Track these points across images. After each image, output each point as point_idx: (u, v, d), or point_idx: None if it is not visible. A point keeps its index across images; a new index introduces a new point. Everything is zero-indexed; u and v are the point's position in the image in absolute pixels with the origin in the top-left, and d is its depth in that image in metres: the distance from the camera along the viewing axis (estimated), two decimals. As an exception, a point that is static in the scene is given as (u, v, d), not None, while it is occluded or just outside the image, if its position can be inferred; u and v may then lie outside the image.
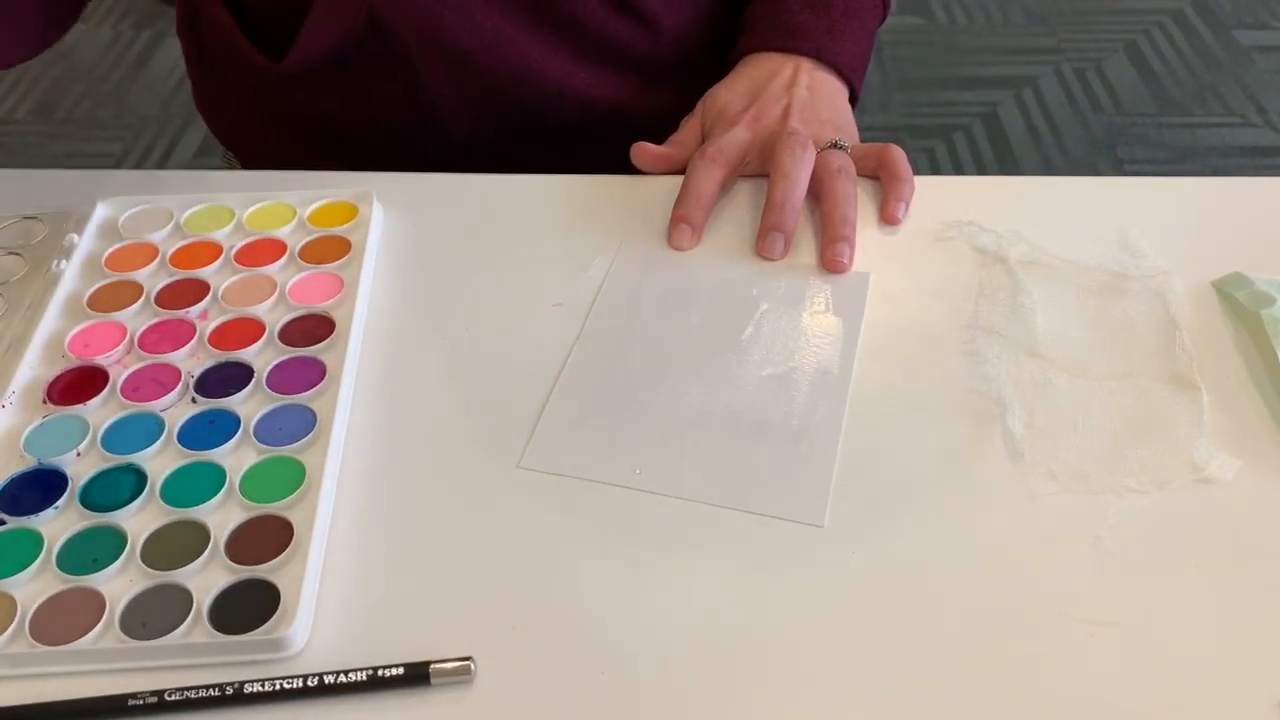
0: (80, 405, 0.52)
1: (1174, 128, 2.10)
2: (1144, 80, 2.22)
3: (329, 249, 0.61)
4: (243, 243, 0.62)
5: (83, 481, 0.49)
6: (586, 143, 0.75)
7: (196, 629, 0.43)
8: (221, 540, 0.46)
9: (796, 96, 0.69)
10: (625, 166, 0.69)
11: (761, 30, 0.74)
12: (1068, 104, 2.16)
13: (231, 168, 0.89)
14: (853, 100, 0.74)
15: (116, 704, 0.41)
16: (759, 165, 0.67)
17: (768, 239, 0.62)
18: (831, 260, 0.61)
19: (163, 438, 0.51)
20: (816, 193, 0.64)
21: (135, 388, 0.53)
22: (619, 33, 0.75)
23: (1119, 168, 2.00)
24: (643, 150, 0.69)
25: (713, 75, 0.74)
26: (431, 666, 0.42)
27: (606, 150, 0.69)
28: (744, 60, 0.73)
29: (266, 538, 0.46)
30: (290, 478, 0.49)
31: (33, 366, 0.54)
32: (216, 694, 0.41)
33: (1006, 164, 2.01)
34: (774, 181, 0.63)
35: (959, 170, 2.00)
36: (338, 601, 0.45)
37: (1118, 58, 2.29)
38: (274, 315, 0.57)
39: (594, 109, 0.77)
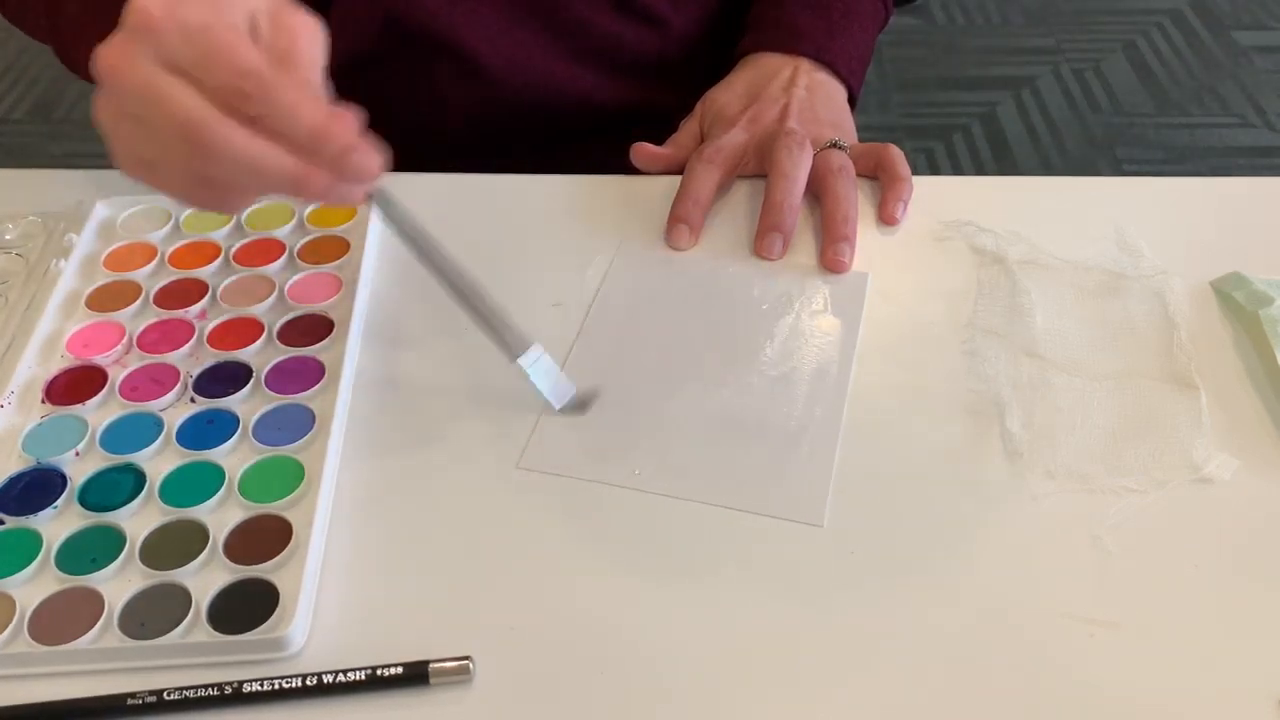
0: (79, 405, 0.52)
1: (1172, 128, 2.10)
2: (1142, 80, 2.22)
3: (328, 249, 0.61)
4: (241, 243, 0.61)
5: (81, 481, 0.49)
6: (588, 143, 0.75)
7: (195, 629, 0.43)
8: (220, 540, 0.46)
9: (795, 97, 0.69)
10: (624, 166, 0.69)
11: (761, 30, 0.74)
12: (1066, 104, 2.16)
13: None
14: (851, 103, 0.74)
15: (115, 704, 0.41)
16: (757, 165, 0.67)
17: (766, 239, 0.62)
18: (832, 260, 0.61)
19: (161, 437, 0.51)
20: (816, 192, 0.64)
21: (134, 387, 0.53)
22: (627, 36, 0.75)
23: (1117, 168, 2.00)
24: (641, 150, 0.69)
25: (719, 76, 0.74)
26: (430, 666, 0.42)
27: (606, 150, 0.69)
28: (743, 61, 0.73)
29: (265, 537, 0.46)
30: (289, 477, 0.49)
31: (31, 366, 0.54)
32: (215, 694, 0.41)
33: (1005, 164, 2.01)
34: (772, 181, 0.63)
35: (958, 170, 2.00)
36: (337, 601, 0.45)
37: (1116, 58, 2.29)
38: (273, 315, 0.57)
39: (600, 111, 0.77)
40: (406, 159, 0.69)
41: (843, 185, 0.63)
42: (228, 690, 0.41)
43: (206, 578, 0.45)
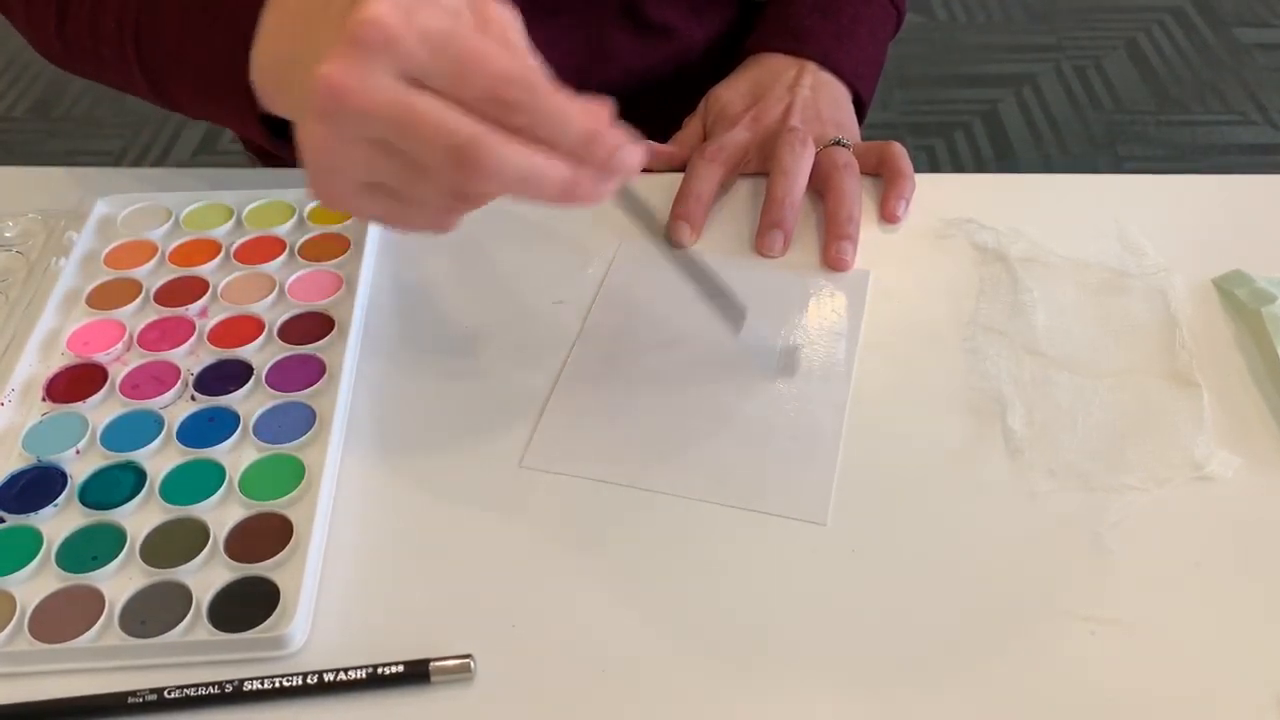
0: (79, 403, 0.52)
1: (1174, 125, 2.10)
2: (1144, 78, 2.22)
3: (328, 246, 0.61)
4: (242, 240, 0.61)
5: (82, 479, 0.49)
6: None
7: (196, 627, 0.43)
8: (221, 538, 0.46)
9: (799, 96, 0.69)
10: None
11: (769, 31, 0.74)
12: (1068, 101, 2.16)
13: (251, 161, 0.89)
14: (861, 109, 0.74)
15: (116, 702, 0.41)
16: (759, 164, 0.67)
17: (767, 236, 0.62)
18: (835, 258, 0.61)
19: (162, 435, 0.51)
20: (820, 189, 0.64)
21: (134, 385, 0.53)
22: (650, 53, 0.75)
23: (1119, 165, 2.00)
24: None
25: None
26: (431, 664, 0.42)
27: None
28: (749, 60, 0.73)
29: (266, 536, 0.46)
30: (290, 475, 0.49)
31: (31, 364, 0.54)
32: (216, 692, 0.41)
33: (1006, 162, 2.01)
34: (774, 178, 0.63)
35: (959, 168, 2.00)
36: (337, 599, 0.45)
37: (1118, 55, 2.29)
38: (273, 313, 0.57)
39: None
40: None
41: (846, 182, 0.63)
42: (228, 689, 0.41)
43: (207, 576, 0.45)
